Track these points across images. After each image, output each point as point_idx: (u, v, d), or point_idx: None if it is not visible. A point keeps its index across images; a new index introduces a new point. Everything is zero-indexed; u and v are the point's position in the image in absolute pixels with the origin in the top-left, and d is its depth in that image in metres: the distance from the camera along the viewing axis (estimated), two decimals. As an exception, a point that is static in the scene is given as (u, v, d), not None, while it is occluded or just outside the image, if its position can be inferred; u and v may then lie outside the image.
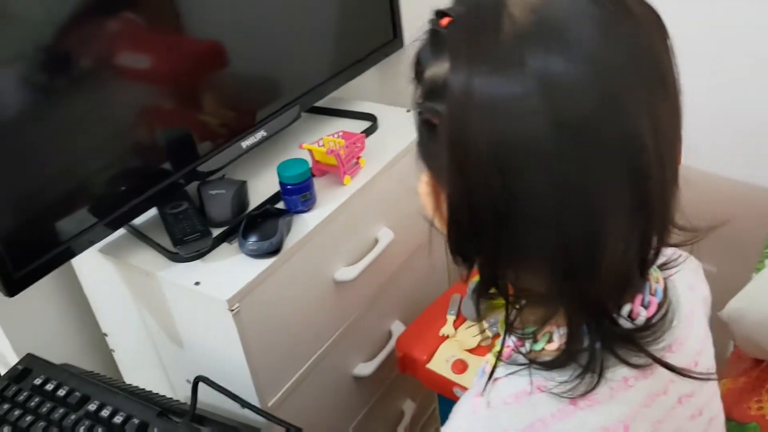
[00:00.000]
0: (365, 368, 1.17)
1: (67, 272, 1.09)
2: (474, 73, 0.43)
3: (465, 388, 1.04)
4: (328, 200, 1.03)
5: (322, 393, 1.11)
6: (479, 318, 1.11)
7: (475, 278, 0.51)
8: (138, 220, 1.00)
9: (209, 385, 0.83)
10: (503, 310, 0.52)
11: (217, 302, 0.88)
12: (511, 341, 0.54)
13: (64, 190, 0.88)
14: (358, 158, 1.08)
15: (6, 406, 0.84)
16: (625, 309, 0.50)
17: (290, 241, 0.96)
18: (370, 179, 1.08)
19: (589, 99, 0.42)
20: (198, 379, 0.83)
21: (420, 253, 1.25)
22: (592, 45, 0.42)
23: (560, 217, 0.44)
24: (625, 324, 0.50)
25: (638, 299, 0.51)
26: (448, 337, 1.11)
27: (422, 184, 0.54)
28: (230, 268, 0.93)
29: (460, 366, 1.06)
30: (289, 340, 1.00)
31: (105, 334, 1.15)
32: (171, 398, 0.89)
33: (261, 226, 0.95)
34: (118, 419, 0.80)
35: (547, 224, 0.45)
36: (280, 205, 1.02)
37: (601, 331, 0.49)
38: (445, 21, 0.47)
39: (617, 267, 0.46)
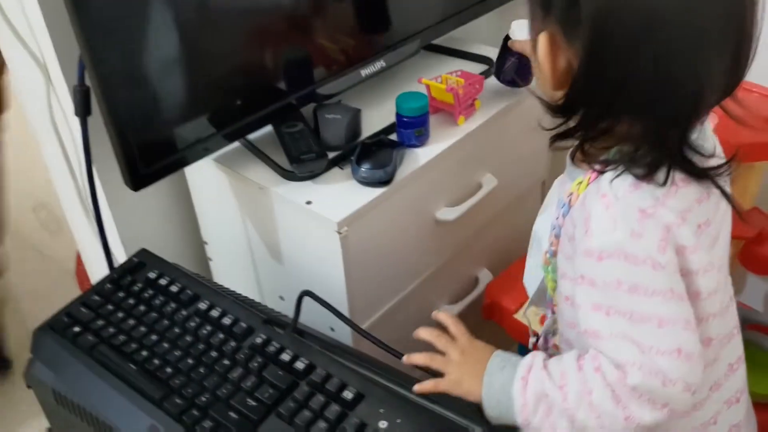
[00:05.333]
0: (449, 310, 1.18)
1: (177, 179, 1.12)
2: None
3: (551, 343, 1.04)
4: (440, 138, 1.03)
5: (406, 328, 1.12)
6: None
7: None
8: (251, 136, 1.02)
9: (314, 300, 0.84)
10: None
11: (327, 223, 0.90)
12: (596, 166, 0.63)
13: (189, 99, 0.90)
14: (474, 100, 1.06)
15: (121, 294, 0.89)
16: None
17: (401, 173, 0.96)
18: (483, 122, 1.06)
19: None
20: (303, 294, 0.85)
21: (516, 205, 1.24)
22: None
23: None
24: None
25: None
26: (538, 290, 1.10)
27: (543, 39, 0.61)
28: (341, 192, 0.94)
29: (549, 320, 1.05)
30: (385, 272, 1.02)
31: (205, 242, 1.19)
32: (272, 309, 0.92)
33: (374, 155, 0.96)
34: (226, 321, 0.83)
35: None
36: (393, 137, 1.03)
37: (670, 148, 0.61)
38: None
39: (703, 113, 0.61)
